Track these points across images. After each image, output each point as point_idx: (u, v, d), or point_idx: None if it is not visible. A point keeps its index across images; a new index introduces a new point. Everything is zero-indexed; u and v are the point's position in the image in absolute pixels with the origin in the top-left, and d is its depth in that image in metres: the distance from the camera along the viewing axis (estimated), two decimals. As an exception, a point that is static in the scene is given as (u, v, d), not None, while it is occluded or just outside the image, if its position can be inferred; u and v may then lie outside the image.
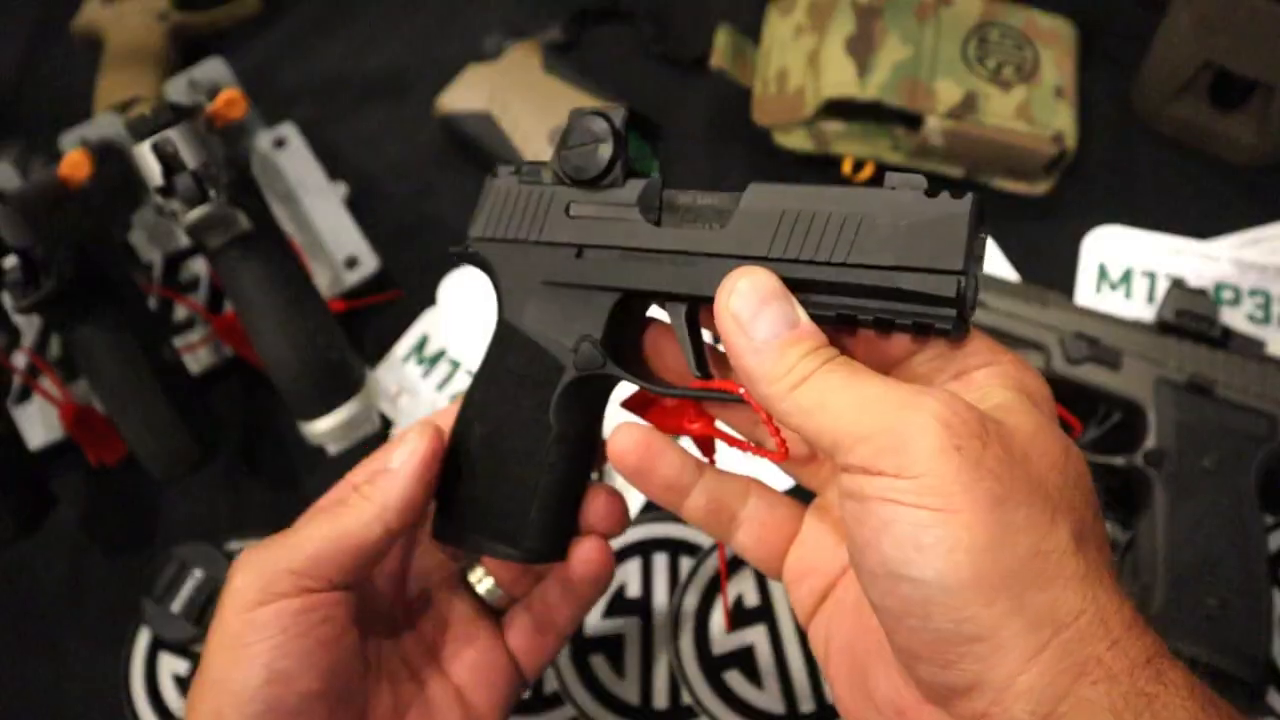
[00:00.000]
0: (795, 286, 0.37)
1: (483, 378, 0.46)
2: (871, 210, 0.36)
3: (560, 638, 0.50)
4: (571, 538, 0.47)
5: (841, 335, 0.40)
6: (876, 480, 0.33)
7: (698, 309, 0.42)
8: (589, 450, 0.46)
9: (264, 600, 0.39)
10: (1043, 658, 0.31)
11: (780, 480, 0.48)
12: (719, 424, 0.47)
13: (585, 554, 0.46)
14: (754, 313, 0.36)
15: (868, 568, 0.34)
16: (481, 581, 0.50)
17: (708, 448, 0.47)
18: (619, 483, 0.72)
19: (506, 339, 0.45)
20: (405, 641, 0.48)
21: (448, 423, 0.47)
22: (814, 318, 0.37)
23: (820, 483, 0.45)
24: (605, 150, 0.42)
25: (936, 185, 0.36)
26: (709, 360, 0.44)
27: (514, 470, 0.45)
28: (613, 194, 0.43)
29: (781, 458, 0.41)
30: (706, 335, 0.44)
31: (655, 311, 0.45)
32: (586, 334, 0.43)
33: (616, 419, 0.47)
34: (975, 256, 0.36)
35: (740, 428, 0.46)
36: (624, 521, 0.47)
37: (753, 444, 0.44)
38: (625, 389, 0.47)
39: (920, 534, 0.32)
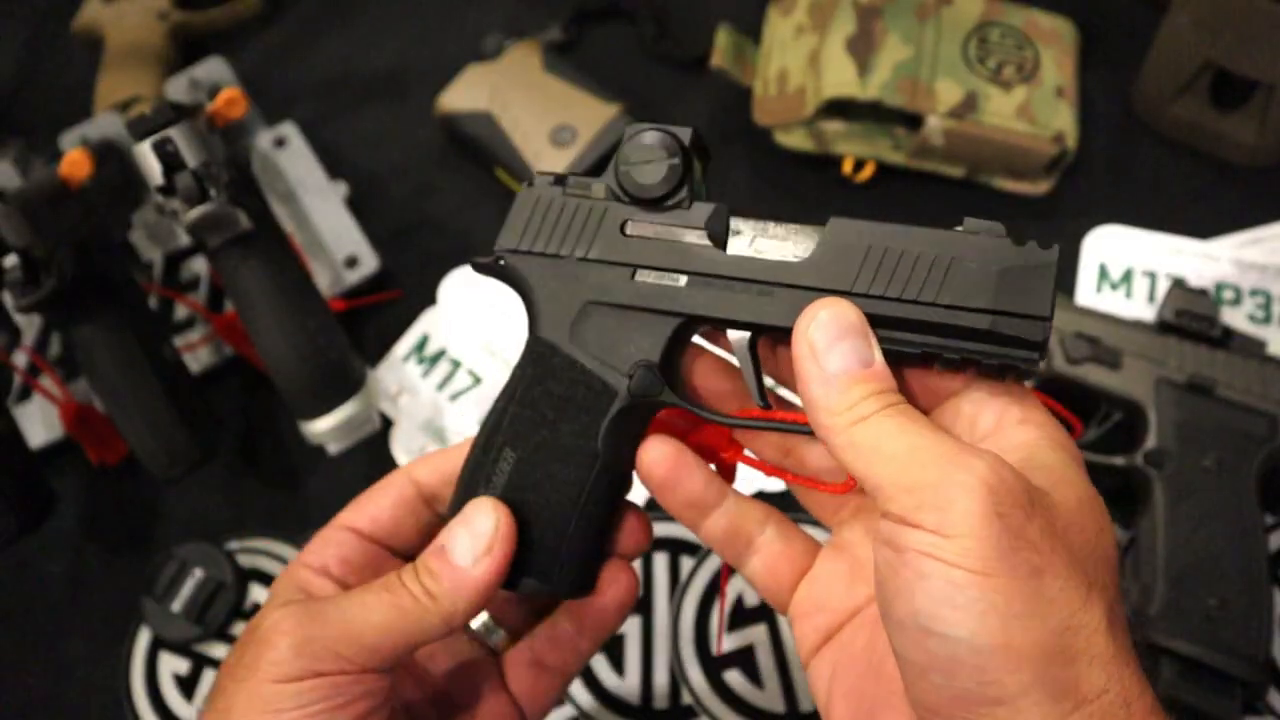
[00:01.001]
0: (879, 323, 0.37)
1: (515, 401, 0.43)
2: (961, 253, 0.37)
3: (565, 678, 0.47)
4: (599, 566, 0.45)
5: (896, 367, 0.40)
6: (915, 533, 0.33)
7: (757, 339, 0.41)
8: (627, 478, 0.44)
9: (304, 676, 0.37)
10: None
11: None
12: (749, 454, 0.46)
13: (620, 579, 0.45)
14: (830, 344, 0.36)
15: (897, 617, 0.34)
16: (480, 618, 0.47)
17: (728, 476, 0.46)
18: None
19: (544, 360, 0.42)
20: (406, 691, 0.45)
21: (450, 460, 0.44)
22: (895, 354, 0.38)
23: (839, 522, 0.45)
24: (675, 169, 0.41)
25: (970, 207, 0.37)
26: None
27: (551, 500, 0.42)
28: (678, 215, 0.41)
29: (846, 489, 0.42)
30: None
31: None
32: (643, 359, 0.41)
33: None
34: None
35: (770, 461, 0.46)
36: (650, 539, 0.46)
37: (808, 477, 0.43)
38: None
39: (955, 593, 0.32)
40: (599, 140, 0.83)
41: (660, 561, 0.70)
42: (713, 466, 0.44)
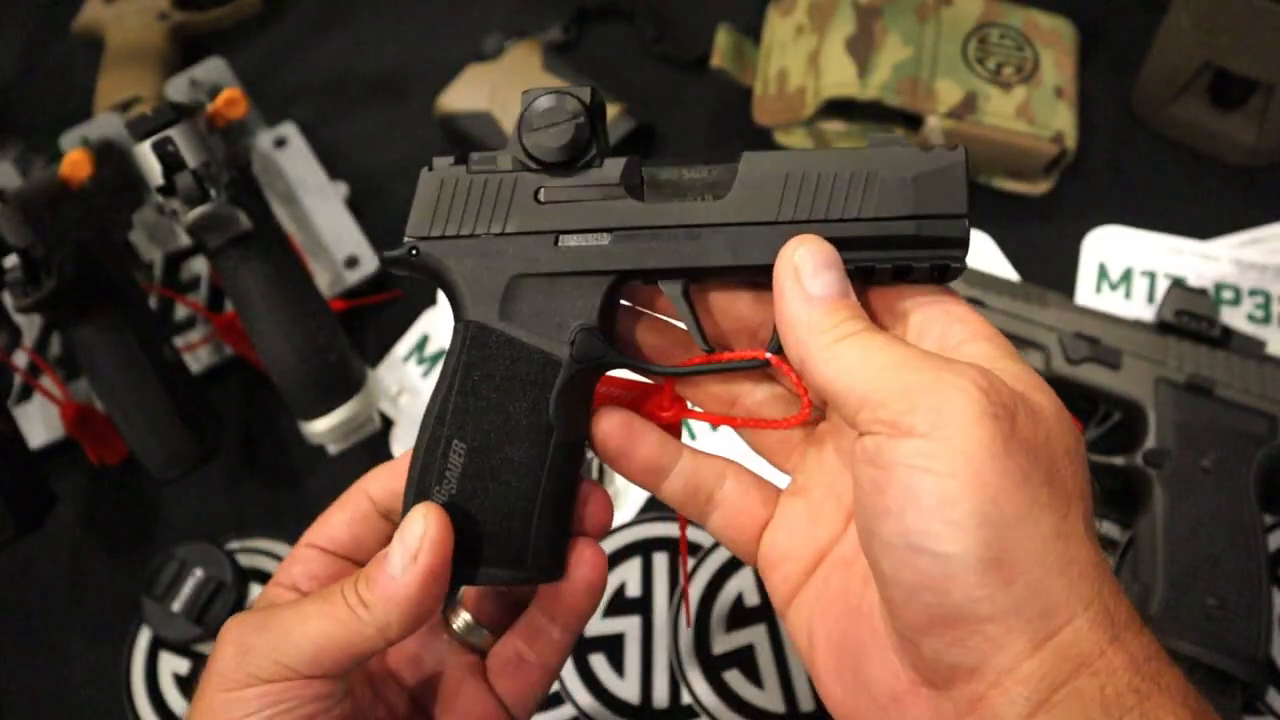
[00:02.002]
0: None
1: (453, 391, 0.41)
2: (875, 167, 0.38)
3: (548, 671, 0.46)
4: (566, 548, 0.43)
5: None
6: (904, 444, 0.33)
7: (689, 286, 0.41)
8: (581, 450, 0.44)
9: (249, 683, 0.37)
10: (1050, 645, 0.31)
11: (757, 466, 0.47)
12: (692, 407, 0.45)
13: (583, 557, 0.43)
14: (815, 270, 0.37)
15: (884, 538, 0.33)
16: (458, 618, 0.46)
17: (675, 434, 0.45)
18: (618, 482, 0.72)
19: (479, 343, 0.41)
20: (389, 696, 0.45)
21: (400, 471, 0.43)
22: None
23: (793, 466, 0.44)
24: (583, 130, 0.41)
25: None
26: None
27: (511, 485, 0.41)
28: (591, 175, 0.41)
29: (801, 419, 0.41)
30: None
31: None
32: (581, 323, 0.41)
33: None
34: None
35: (716, 412, 0.45)
36: (612, 518, 0.46)
37: (757, 419, 0.43)
38: None
39: (949, 507, 0.31)
40: (599, 140, 0.83)
41: (660, 561, 0.70)
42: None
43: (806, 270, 0.37)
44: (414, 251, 0.42)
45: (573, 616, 0.45)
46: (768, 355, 0.40)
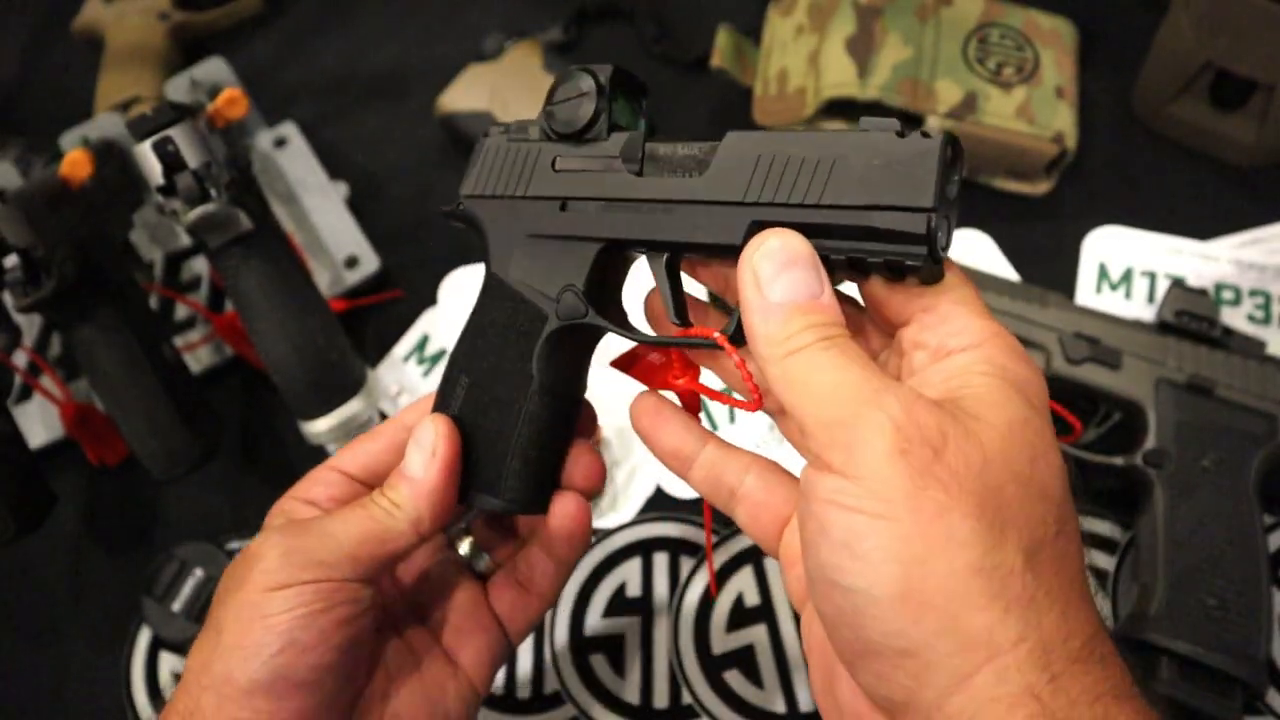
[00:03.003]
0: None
1: (469, 331, 0.47)
2: (844, 151, 0.36)
3: (543, 600, 0.50)
4: (553, 493, 0.48)
5: (849, 308, 0.40)
6: (824, 479, 0.33)
7: (678, 258, 0.43)
8: (571, 405, 0.47)
9: (290, 582, 0.40)
10: (974, 682, 0.30)
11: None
12: (705, 382, 0.47)
13: (563, 508, 0.47)
14: (775, 273, 0.36)
15: (808, 569, 0.34)
16: (464, 544, 0.51)
17: (693, 405, 0.47)
18: (613, 455, 0.72)
19: (493, 291, 0.46)
20: (397, 608, 0.49)
21: (429, 407, 0.48)
22: None
23: None
24: (590, 104, 0.43)
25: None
26: (689, 310, 0.44)
27: (496, 420, 0.45)
28: (597, 147, 0.44)
29: (755, 407, 0.42)
30: (701, 288, 0.46)
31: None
32: (569, 284, 0.44)
33: (603, 382, 0.48)
34: (947, 197, 0.35)
35: (728, 383, 0.47)
36: (602, 480, 0.49)
37: (730, 397, 0.44)
38: (614, 350, 0.47)
39: (855, 542, 0.32)
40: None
41: (660, 561, 0.70)
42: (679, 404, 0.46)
43: (765, 274, 0.36)
44: (460, 205, 0.47)
45: (558, 554, 0.49)
46: (716, 336, 0.40)
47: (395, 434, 0.48)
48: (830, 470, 0.33)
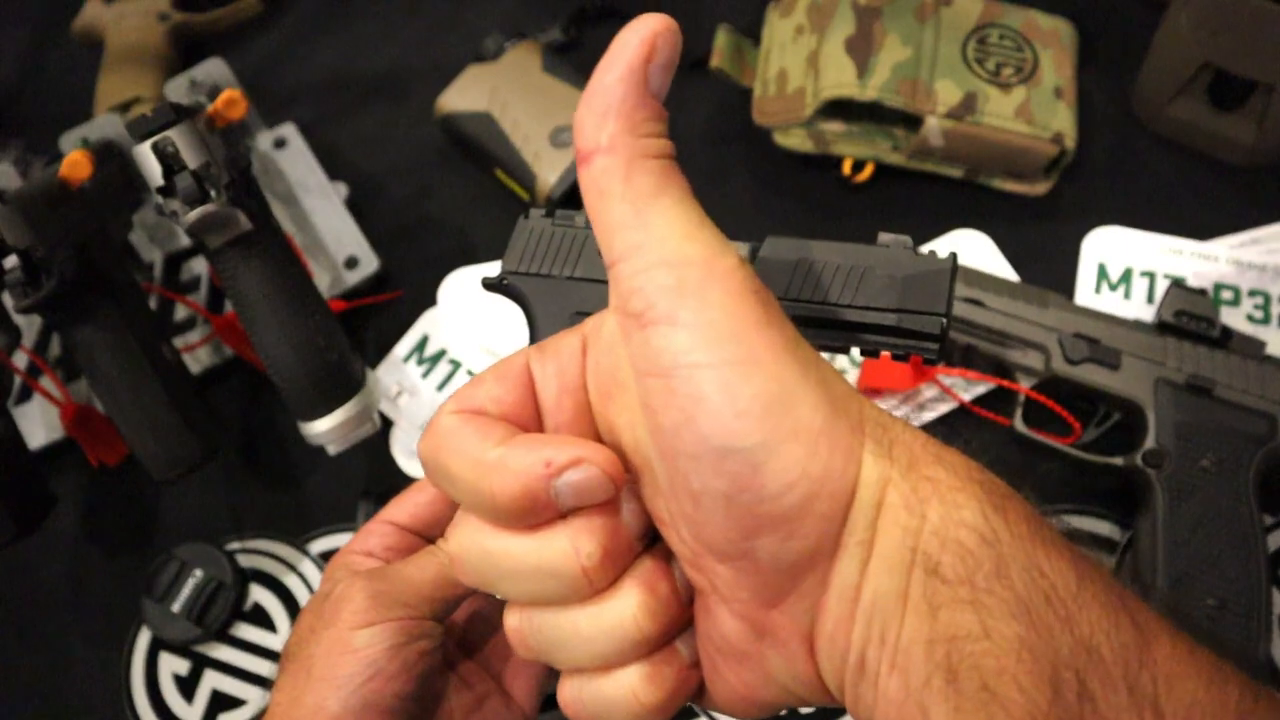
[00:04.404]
0: (809, 323, 0.43)
1: None
2: (871, 263, 0.43)
3: None
4: None
5: None
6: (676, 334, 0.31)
7: None
8: None
9: (377, 620, 0.44)
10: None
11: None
12: None
13: None
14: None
15: (678, 459, 0.31)
16: None
17: None
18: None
19: None
20: (451, 645, 0.51)
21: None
22: (825, 348, 0.42)
23: None
24: None
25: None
26: None
27: None
28: None
29: None
30: None
31: None
32: None
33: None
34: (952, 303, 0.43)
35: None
36: None
37: None
38: None
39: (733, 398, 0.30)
40: (599, 141, 0.83)
41: (660, 562, 0.70)
42: None
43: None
44: (505, 281, 0.50)
45: None
46: None
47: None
48: (675, 325, 0.31)
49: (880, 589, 0.31)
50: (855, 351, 0.43)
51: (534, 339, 0.48)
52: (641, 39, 0.35)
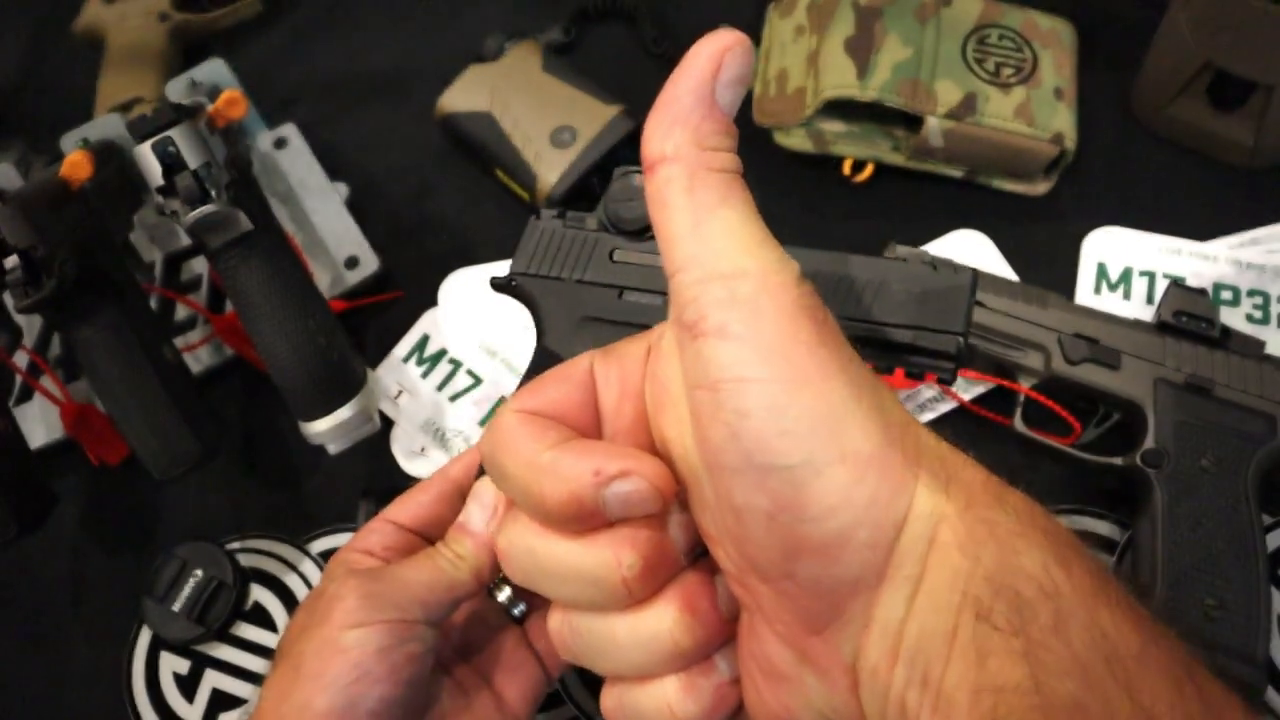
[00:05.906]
0: None
1: None
2: (888, 278, 0.42)
3: None
4: None
5: None
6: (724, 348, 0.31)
7: None
8: None
9: (368, 621, 0.44)
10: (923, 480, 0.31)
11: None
12: None
13: None
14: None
15: (724, 473, 0.31)
16: (502, 591, 0.53)
17: None
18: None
19: (547, 365, 0.48)
20: (446, 650, 0.51)
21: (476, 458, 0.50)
22: None
23: None
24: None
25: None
26: None
27: None
28: (655, 244, 0.46)
29: None
30: None
31: None
32: None
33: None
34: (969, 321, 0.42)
35: None
36: None
37: None
38: None
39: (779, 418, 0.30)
40: (599, 141, 0.83)
41: (660, 561, 0.70)
42: None
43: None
44: (513, 281, 0.50)
45: None
46: None
47: (441, 487, 0.52)
48: (726, 338, 0.31)
49: (926, 627, 0.30)
50: None
51: (541, 342, 0.48)
52: (711, 54, 0.36)
